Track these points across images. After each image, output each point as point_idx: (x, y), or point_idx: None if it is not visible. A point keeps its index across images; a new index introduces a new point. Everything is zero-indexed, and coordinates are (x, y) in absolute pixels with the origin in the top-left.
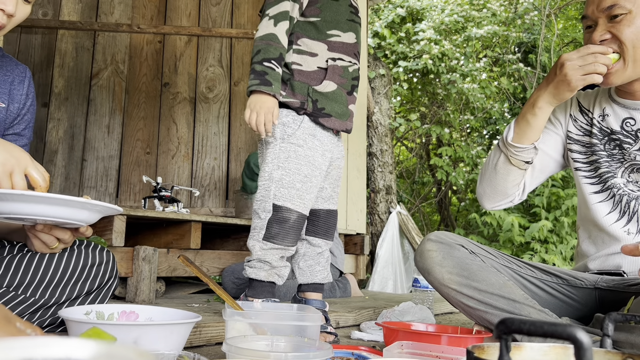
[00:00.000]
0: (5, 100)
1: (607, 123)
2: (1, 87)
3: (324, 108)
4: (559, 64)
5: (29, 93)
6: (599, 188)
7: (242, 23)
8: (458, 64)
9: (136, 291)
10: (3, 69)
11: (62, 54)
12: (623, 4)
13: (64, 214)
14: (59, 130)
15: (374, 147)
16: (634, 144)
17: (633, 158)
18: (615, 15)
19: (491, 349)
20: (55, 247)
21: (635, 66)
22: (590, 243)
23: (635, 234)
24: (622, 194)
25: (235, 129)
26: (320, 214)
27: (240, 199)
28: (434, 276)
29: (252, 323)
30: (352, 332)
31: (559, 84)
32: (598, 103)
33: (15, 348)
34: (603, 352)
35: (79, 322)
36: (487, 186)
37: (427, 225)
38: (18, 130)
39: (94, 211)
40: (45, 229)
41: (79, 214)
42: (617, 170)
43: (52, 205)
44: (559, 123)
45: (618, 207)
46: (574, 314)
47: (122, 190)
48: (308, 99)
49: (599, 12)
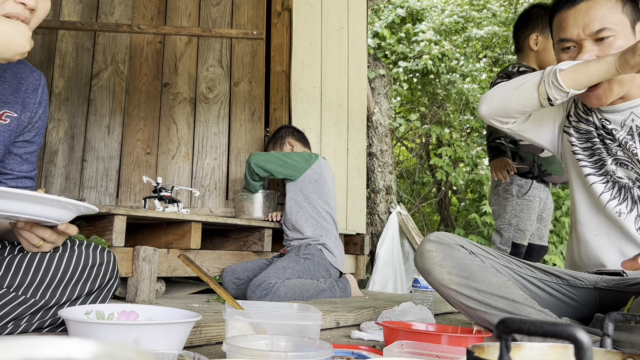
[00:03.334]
0: (17, 110)
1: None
2: (15, 95)
3: (546, 170)
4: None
5: (42, 101)
6: (595, 171)
7: (242, 23)
8: (458, 64)
9: (136, 291)
10: (17, 76)
11: (62, 54)
12: (611, 27)
13: (28, 210)
14: (59, 131)
15: (374, 147)
16: (613, 140)
17: (614, 153)
18: (602, 38)
19: (491, 349)
20: (41, 246)
21: (621, 86)
22: (583, 226)
23: (627, 214)
24: (616, 180)
25: (236, 130)
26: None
27: (240, 199)
28: (433, 277)
29: (252, 322)
30: (352, 331)
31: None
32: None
33: (15, 348)
34: (603, 351)
35: (79, 322)
36: (499, 94)
37: (427, 226)
38: (28, 138)
39: (66, 209)
40: (26, 227)
41: (50, 211)
42: (607, 158)
43: (14, 201)
44: (561, 105)
45: (613, 189)
46: (573, 314)
47: (122, 190)
48: (534, 165)
49: (586, 35)
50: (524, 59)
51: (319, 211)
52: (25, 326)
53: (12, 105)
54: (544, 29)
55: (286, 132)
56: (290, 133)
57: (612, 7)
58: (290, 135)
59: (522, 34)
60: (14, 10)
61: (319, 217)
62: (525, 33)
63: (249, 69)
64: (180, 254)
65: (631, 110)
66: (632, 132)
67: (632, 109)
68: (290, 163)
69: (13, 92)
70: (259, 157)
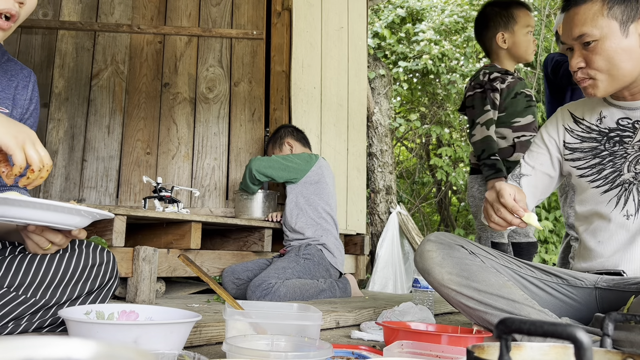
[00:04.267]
0: (8, 106)
1: (605, 124)
2: (5, 92)
3: None
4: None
5: (32, 98)
6: (608, 187)
7: (242, 23)
8: (458, 64)
9: (136, 291)
10: (8, 73)
11: (62, 55)
12: (590, 32)
13: (53, 219)
14: (59, 131)
15: (374, 147)
16: (633, 135)
17: (637, 150)
18: (587, 43)
19: (491, 349)
20: (48, 249)
21: (614, 81)
22: (590, 234)
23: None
24: (633, 187)
25: (236, 130)
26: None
27: (240, 199)
28: (433, 277)
29: (252, 322)
30: (352, 331)
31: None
32: (592, 110)
33: (15, 348)
34: (603, 351)
35: (79, 322)
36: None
37: (427, 226)
38: None
39: (83, 217)
40: (37, 231)
41: (68, 218)
42: (623, 166)
43: (41, 211)
44: (552, 140)
45: (628, 199)
46: (573, 314)
47: (122, 190)
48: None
49: (572, 40)
50: (497, 59)
51: (319, 212)
52: (25, 326)
53: (3, 101)
54: (507, 24)
55: (285, 132)
56: (290, 133)
57: (595, 13)
58: (290, 136)
59: (487, 36)
60: (4, 6)
61: (319, 218)
62: (489, 34)
63: (249, 69)
64: (180, 254)
65: None
66: None
67: None
68: (292, 167)
69: (3, 88)
70: (260, 162)
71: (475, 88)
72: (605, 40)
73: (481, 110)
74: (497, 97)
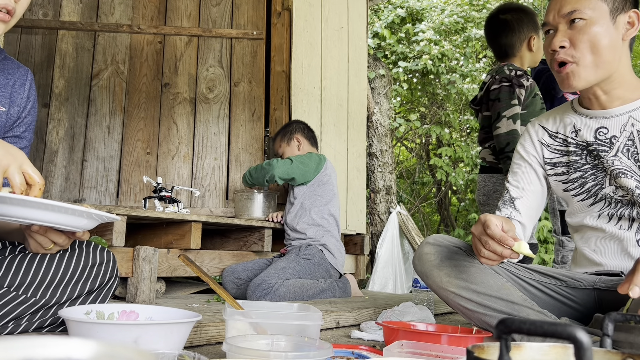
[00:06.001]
0: (5, 104)
1: (582, 137)
2: (2, 90)
3: None
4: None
5: (29, 96)
6: (592, 200)
7: (242, 23)
8: (458, 64)
9: (136, 291)
10: (4, 72)
11: (63, 55)
12: (583, 10)
13: (61, 220)
14: (59, 131)
15: (374, 147)
16: (609, 150)
17: (612, 164)
18: (574, 20)
19: (491, 349)
20: (50, 249)
21: (596, 70)
22: (584, 242)
23: (627, 229)
24: (614, 202)
25: (236, 130)
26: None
27: (240, 199)
28: (432, 279)
29: (252, 322)
30: (352, 331)
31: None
32: (564, 122)
33: (15, 348)
34: (603, 351)
35: (79, 322)
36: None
37: (427, 226)
38: (18, 133)
39: (91, 219)
40: (41, 231)
41: (76, 221)
42: (604, 179)
43: (49, 212)
44: (533, 156)
45: (614, 214)
46: (573, 315)
47: (123, 190)
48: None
49: (560, 17)
50: (516, 61)
51: (322, 213)
52: (25, 325)
53: (0, 100)
54: (537, 29)
55: (296, 128)
56: (301, 130)
57: None
58: (300, 132)
59: (512, 39)
60: (0, 2)
61: (321, 219)
62: (516, 37)
63: (249, 69)
64: (180, 254)
65: (629, 114)
66: (633, 137)
67: (630, 113)
68: (309, 170)
69: (0, 87)
70: (282, 169)
71: (502, 81)
72: (594, 22)
73: (508, 103)
74: (522, 94)
